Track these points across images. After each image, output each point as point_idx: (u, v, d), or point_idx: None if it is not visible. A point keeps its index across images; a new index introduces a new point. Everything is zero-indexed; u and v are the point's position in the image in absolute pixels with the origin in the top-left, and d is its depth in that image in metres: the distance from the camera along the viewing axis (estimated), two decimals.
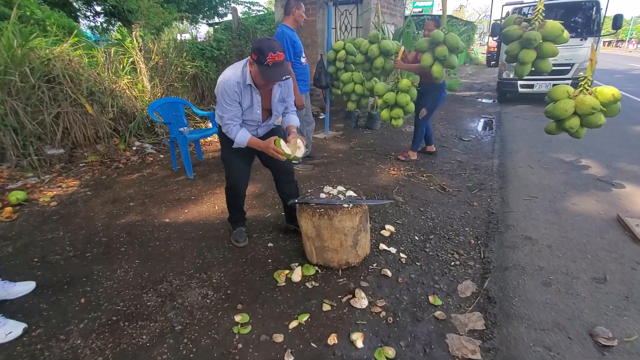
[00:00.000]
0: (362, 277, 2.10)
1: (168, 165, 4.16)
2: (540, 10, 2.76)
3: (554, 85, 7.04)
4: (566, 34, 2.84)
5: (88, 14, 10.48)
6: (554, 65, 3.99)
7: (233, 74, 1.95)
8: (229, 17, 7.46)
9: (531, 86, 7.36)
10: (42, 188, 3.51)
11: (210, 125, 5.44)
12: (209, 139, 5.21)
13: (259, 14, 12.13)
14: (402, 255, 2.33)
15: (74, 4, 9.87)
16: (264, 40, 1.85)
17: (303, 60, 3.58)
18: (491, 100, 8.63)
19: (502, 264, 2.26)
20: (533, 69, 2.93)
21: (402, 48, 3.94)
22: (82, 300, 1.92)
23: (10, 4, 6.58)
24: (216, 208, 3.04)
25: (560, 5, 7.21)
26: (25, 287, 1.96)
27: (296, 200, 2.12)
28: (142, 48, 5.46)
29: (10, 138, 3.69)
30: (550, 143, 4.77)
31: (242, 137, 2.04)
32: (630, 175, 3.69)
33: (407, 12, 11.57)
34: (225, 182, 2.35)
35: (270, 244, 2.47)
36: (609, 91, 2.84)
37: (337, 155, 4.52)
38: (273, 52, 1.79)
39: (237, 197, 2.39)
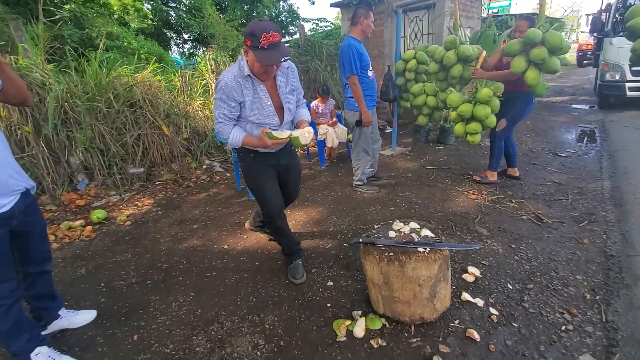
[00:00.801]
0: (441, 339, 1.70)
1: (233, 185, 4.18)
2: None
3: None
4: None
5: (178, 41, 11.76)
6: None
7: (231, 69, 1.83)
8: (298, 35, 7.55)
9: None
10: (121, 206, 3.74)
11: None
12: None
13: (326, 29, 12.24)
14: (492, 310, 1.87)
15: (167, 33, 11.11)
16: (254, 22, 1.66)
17: (370, 73, 3.30)
18: (588, 106, 7.35)
19: (635, 334, 1.68)
20: None
21: (484, 52, 3.38)
22: (135, 337, 1.85)
23: (111, 36, 7.51)
24: None
25: None
26: (86, 317, 1.96)
27: (360, 240, 1.82)
28: (214, 70, 5.71)
29: (98, 160, 4.03)
30: None
31: (236, 135, 1.87)
32: None
33: (483, 14, 10.61)
34: (262, 213, 2.14)
35: (330, 283, 2.20)
36: None
37: (405, 174, 4.11)
38: (267, 33, 1.60)
39: (278, 220, 2.17)
